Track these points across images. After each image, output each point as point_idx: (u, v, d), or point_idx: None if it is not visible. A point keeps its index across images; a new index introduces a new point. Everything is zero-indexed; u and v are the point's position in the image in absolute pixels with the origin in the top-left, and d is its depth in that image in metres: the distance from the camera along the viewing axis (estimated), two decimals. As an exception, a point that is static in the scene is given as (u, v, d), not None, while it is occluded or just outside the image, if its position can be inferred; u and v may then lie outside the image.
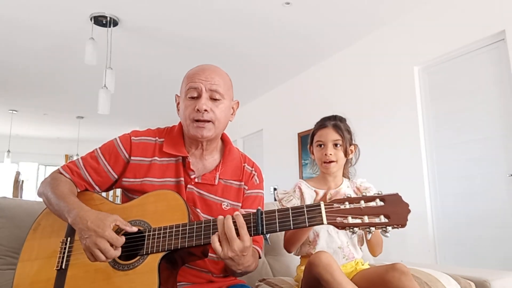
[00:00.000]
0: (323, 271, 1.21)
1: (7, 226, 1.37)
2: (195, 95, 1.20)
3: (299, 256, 1.58)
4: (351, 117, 1.68)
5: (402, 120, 3.81)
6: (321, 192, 1.28)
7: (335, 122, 1.55)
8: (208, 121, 1.19)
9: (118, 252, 1.01)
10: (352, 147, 1.57)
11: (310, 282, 1.29)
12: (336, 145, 1.52)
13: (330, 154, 1.50)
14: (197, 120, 1.19)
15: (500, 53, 3.11)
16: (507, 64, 2.99)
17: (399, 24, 3.93)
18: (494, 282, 1.56)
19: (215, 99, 1.20)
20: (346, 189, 1.57)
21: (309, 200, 1.52)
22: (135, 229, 1.03)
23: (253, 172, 1.34)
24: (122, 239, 1.01)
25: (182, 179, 1.23)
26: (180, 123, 1.31)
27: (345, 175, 1.63)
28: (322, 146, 1.54)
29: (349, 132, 1.57)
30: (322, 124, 1.57)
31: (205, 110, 1.18)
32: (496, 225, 3.03)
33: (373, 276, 1.36)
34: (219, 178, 1.26)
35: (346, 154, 1.54)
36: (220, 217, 1.00)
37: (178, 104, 1.30)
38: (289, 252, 1.51)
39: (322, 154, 1.52)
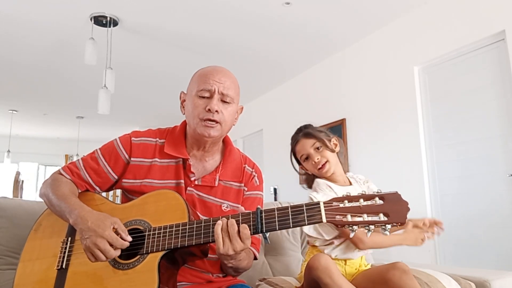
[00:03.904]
0: (322, 275, 1.21)
1: (7, 226, 1.37)
2: (207, 95, 1.20)
3: (307, 249, 1.57)
4: (351, 117, 1.69)
5: (402, 120, 3.81)
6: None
7: (303, 132, 1.57)
8: (217, 122, 1.20)
9: (117, 252, 1.01)
10: (334, 140, 1.57)
11: (311, 285, 1.29)
12: (317, 148, 1.52)
13: (318, 159, 1.51)
14: (206, 120, 1.19)
15: (500, 53, 3.11)
16: (507, 64, 3.00)
17: (399, 24, 3.93)
18: (494, 282, 1.56)
19: (225, 102, 1.21)
20: (355, 186, 1.56)
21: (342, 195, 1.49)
22: (129, 238, 1.03)
23: (254, 173, 1.34)
24: (122, 241, 1.01)
25: (182, 181, 1.23)
26: (182, 123, 1.31)
27: (345, 170, 1.62)
28: (308, 157, 1.54)
29: (320, 130, 1.57)
30: (294, 140, 1.58)
31: (216, 111, 1.18)
32: (496, 225, 3.03)
33: (374, 275, 1.36)
34: (219, 180, 1.26)
35: (332, 150, 1.53)
36: (224, 218, 1.01)
37: (183, 101, 1.29)
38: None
39: (312, 163, 1.52)
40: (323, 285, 1.21)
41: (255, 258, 1.26)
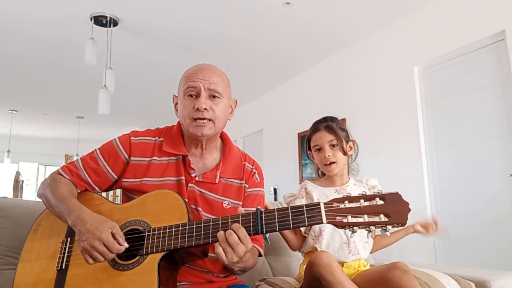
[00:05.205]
0: (323, 271, 1.21)
1: (7, 226, 1.37)
2: (194, 94, 1.20)
3: (303, 254, 1.58)
4: (351, 117, 1.70)
5: (402, 120, 3.81)
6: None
7: (327, 124, 1.56)
8: (208, 120, 1.20)
9: (113, 254, 1.01)
10: (351, 143, 1.58)
11: (311, 282, 1.29)
12: (332, 145, 1.53)
13: (329, 156, 1.52)
14: (197, 119, 1.19)
15: (500, 53, 3.11)
16: (507, 64, 2.99)
17: (400, 24, 3.93)
18: (494, 282, 1.56)
19: (214, 98, 1.21)
20: (353, 187, 1.57)
21: (317, 197, 1.53)
22: (126, 245, 1.02)
23: (254, 170, 1.34)
24: (119, 246, 1.01)
25: (183, 178, 1.23)
26: (178, 122, 1.31)
27: (349, 172, 1.63)
28: (320, 149, 1.55)
29: (343, 129, 1.58)
30: (315, 128, 1.58)
31: (205, 109, 1.18)
32: (496, 225, 3.03)
33: (374, 275, 1.36)
34: (220, 177, 1.26)
35: (344, 152, 1.54)
36: (221, 232, 0.99)
37: (176, 104, 1.30)
38: (293, 250, 1.52)
39: (322, 157, 1.53)
40: (324, 282, 1.21)
41: (260, 255, 1.26)
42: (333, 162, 1.52)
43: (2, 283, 1.28)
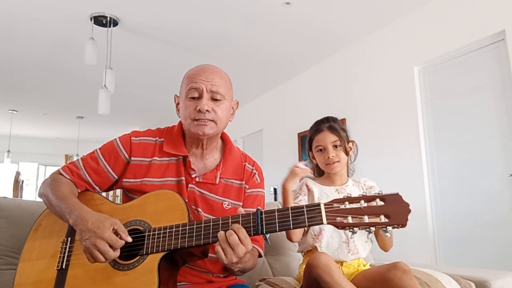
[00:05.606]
0: (322, 273, 1.21)
1: (7, 226, 1.37)
2: (196, 95, 1.20)
3: (302, 253, 1.58)
4: (351, 117, 1.70)
5: (402, 120, 3.81)
6: None
7: (329, 124, 1.56)
8: (211, 120, 1.20)
9: (117, 253, 1.01)
10: (350, 144, 1.58)
11: (310, 283, 1.29)
12: (335, 146, 1.53)
13: (333, 156, 1.52)
14: (198, 119, 1.19)
15: (500, 53, 3.11)
16: (507, 64, 3.00)
17: (400, 24, 3.93)
18: (494, 282, 1.56)
19: (216, 100, 1.21)
20: (351, 187, 1.58)
21: (318, 195, 1.54)
22: (130, 239, 1.03)
23: (254, 171, 1.34)
24: (122, 241, 1.01)
25: (183, 178, 1.23)
26: (179, 122, 1.31)
27: (348, 172, 1.64)
28: (323, 150, 1.55)
29: (344, 130, 1.59)
30: (318, 128, 1.58)
31: (207, 111, 1.18)
32: (496, 225, 3.03)
33: (374, 275, 1.36)
34: (220, 177, 1.26)
35: (346, 153, 1.55)
36: (221, 232, 1.00)
37: (177, 104, 1.30)
38: (291, 241, 1.52)
39: (325, 157, 1.54)
40: (323, 283, 1.21)
41: (260, 256, 1.26)
42: (337, 162, 1.53)
43: (2, 283, 1.28)
